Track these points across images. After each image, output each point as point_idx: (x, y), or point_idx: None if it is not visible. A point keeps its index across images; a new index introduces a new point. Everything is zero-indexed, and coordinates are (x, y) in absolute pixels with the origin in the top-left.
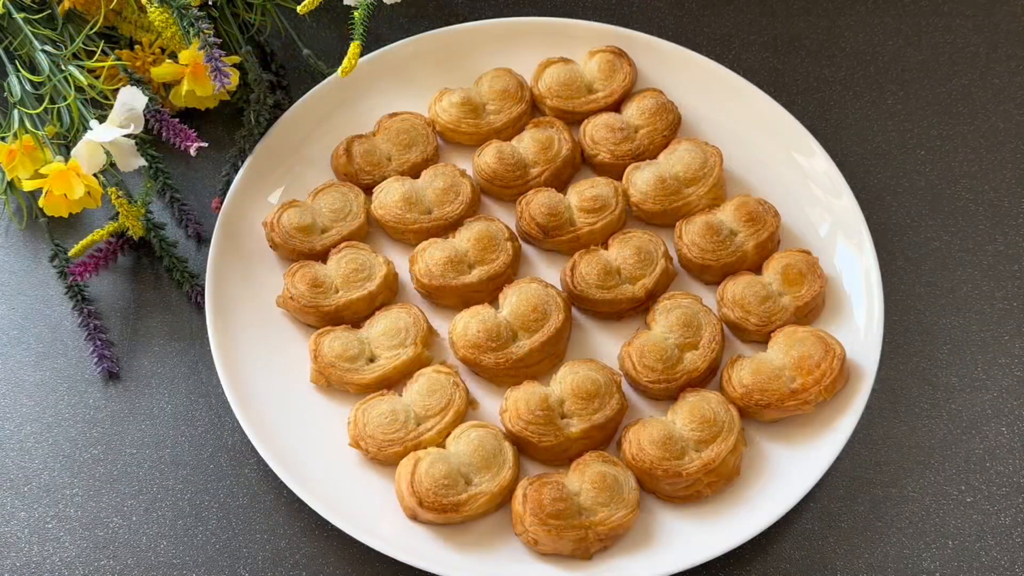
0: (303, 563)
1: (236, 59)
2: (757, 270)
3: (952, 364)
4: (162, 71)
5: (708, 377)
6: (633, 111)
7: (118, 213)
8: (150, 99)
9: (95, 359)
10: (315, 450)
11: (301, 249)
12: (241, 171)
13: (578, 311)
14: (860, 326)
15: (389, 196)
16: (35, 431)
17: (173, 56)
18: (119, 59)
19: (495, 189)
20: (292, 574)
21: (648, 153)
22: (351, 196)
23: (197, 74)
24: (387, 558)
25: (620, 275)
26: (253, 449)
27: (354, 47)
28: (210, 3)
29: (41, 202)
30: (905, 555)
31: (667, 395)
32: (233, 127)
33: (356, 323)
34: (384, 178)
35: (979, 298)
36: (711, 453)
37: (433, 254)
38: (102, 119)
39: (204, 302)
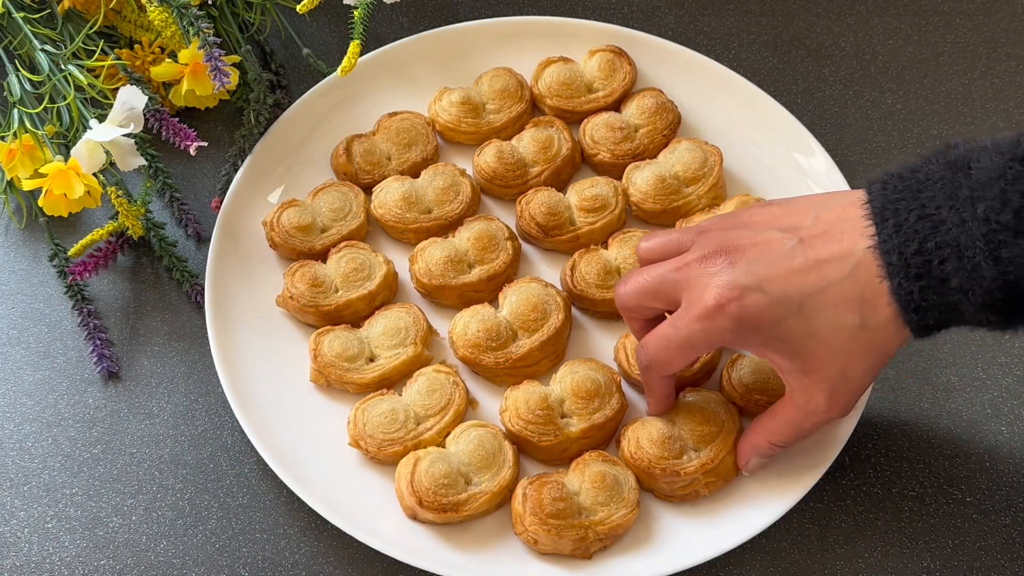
0: (303, 563)
1: (236, 58)
2: None
3: (952, 364)
4: (162, 70)
5: (705, 377)
6: (633, 110)
7: (118, 213)
8: (150, 98)
9: (95, 359)
10: (315, 450)
11: (301, 248)
12: (241, 171)
13: (578, 311)
14: None
15: (389, 195)
16: (35, 431)
17: (173, 55)
18: (119, 58)
19: (495, 188)
20: (292, 574)
21: (648, 152)
22: (351, 196)
23: (197, 73)
24: (387, 558)
25: (620, 274)
26: (253, 449)
27: (354, 46)
28: (210, 2)
29: (41, 201)
30: (905, 555)
31: None
32: (233, 126)
33: (356, 323)
34: (384, 177)
35: None
36: (710, 453)
37: (433, 253)
38: (102, 118)
39: (204, 302)
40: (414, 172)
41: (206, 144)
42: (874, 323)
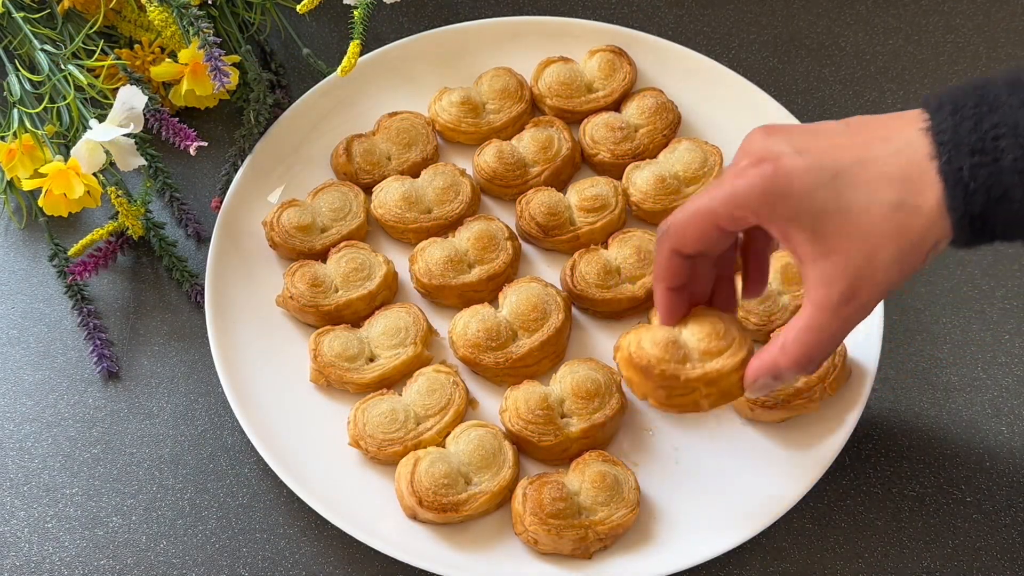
0: (303, 563)
1: (236, 58)
2: None
3: (952, 364)
4: (162, 70)
5: None
6: (633, 110)
7: (118, 212)
8: (150, 98)
9: (95, 359)
10: (315, 450)
11: (301, 248)
12: (241, 171)
13: (578, 311)
14: (860, 326)
15: (389, 195)
16: (35, 431)
17: (173, 55)
18: (119, 58)
19: (495, 188)
20: (292, 574)
21: (648, 152)
22: (351, 195)
23: (197, 73)
24: (387, 558)
25: (620, 274)
26: (253, 449)
27: (354, 46)
28: (210, 2)
29: (41, 201)
30: (905, 555)
31: None
32: (233, 126)
33: (356, 322)
34: (384, 177)
35: (979, 298)
36: (715, 365)
37: (433, 253)
38: (102, 118)
39: (204, 302)
40: (414, 172)
41: (206, 144)
42: (913, 204)
